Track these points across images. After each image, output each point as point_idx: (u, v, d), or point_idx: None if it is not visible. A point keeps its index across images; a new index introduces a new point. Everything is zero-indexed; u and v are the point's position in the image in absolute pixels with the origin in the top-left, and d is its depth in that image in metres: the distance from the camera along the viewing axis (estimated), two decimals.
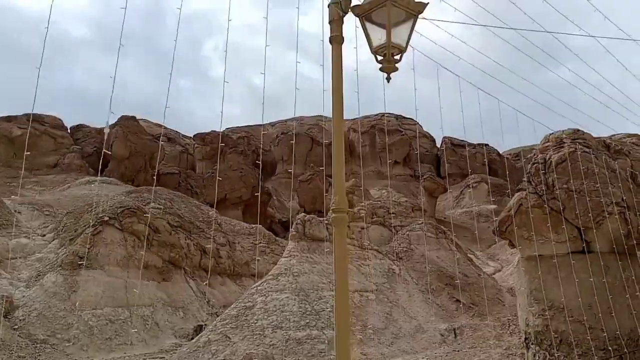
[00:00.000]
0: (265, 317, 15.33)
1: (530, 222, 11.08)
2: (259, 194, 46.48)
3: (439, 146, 80.00)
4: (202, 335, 15.26)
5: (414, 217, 24.75)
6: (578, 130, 12.71)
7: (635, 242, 11.40)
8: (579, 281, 10.71)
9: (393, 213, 23.48)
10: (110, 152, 40.94)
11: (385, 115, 76.22)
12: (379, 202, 25.18)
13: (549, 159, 11.72)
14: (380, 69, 4.60)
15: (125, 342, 16.96)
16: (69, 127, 42.90)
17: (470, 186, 61.94)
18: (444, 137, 75.13)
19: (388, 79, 4.64)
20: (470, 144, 71.57)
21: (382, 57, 4.57)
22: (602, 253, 10.91)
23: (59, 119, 42.34)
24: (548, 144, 12.59)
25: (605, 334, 10.25)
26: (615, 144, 15.49)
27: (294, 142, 71.68)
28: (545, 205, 11.10)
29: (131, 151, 42.88)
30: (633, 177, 15.16)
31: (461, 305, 18.48)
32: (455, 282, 20.33)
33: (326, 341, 14.60)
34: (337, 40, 4.70)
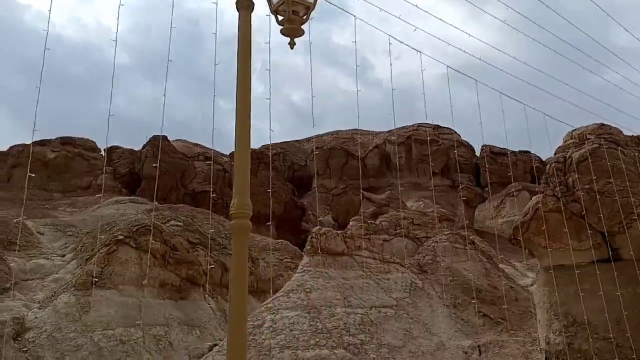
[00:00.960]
0: (274, 336, 14.54)
1: (548, 228, 9.93)
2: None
3: (478, 155, 77.73)
4: (207, 356, 14.60)
5: (441, 227, 23.55)
6: (604, 124, 11.48)
7: None
8: (604, 293, 9.47)
9: (418, 224, 22.36)
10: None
11: (423, 124, 74.77)
12: (403, 213, 24.09)
13: (569, 157, 10.56)
14: (282, 32, 3.78)
15: None
16: (102, 149, 43.76)
17: (512, 194, 59.67)
18: (484, 146, 73.10)
19: (291, 44, 3.80)
20: (511, 152, 69.26)
21: (282, 17, 3.76)
22: (631, 261, 9.64)
23: (92, 141, 43.16)
24: (570, 141, 11.41)
25: (635, 354, 8.95)
26: None
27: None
28: (565, 209, 9.93)
29: (162, 170, 43.21)
30: None
31: (486, 320, 17.17)
32: (483, 296, 19.02)
33: None
34: (244, 5, 3.91)
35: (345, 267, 18.48)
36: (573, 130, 11.49)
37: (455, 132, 78.54)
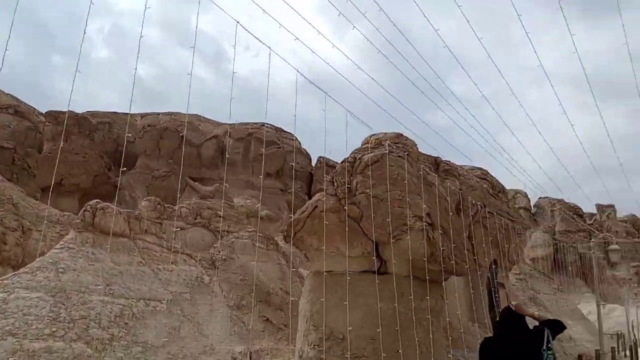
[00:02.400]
0: (0, 319, 11.76)
1: (322, 229, 8.93)
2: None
3: (314, 165, 79.18)
4: None
5: (247, 224, 22.26)
6: (402, 135, 11.00)
7: (440, 268, 9.72)
8: (365, 307, 8.71)
9: (222, 217, 20.77)
10: None
11: (266, 125, 74.07)
12: (208, 203, 22.39)
13: (359, 158, 9.76)
14: None
15: None
16: None
17: None
18: (320, 157, 74.53)
19: None
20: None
21: None
22: (398, 276, 9.03)
23: None
24: (367, 145, 10.71)
25: None
26: (447, 166, 14.15)
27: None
28: (342, 211, 9.03)
29: None
30: (458, 203, 13.82)
31: (268, 325, 16.13)
32: (272, 300, 18.04)
33: (71, 357, 11.39)
34: None
35: (121, 251, 16.16)
36: (372, 135, 10.84)
37: (296, 139, 79.11)
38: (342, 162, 9.82)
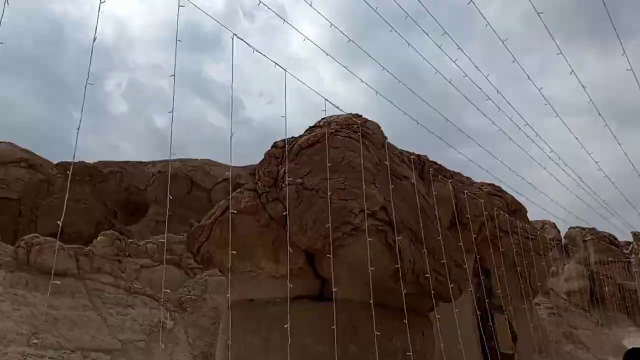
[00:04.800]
0: None
1: (236, 238, 6.33)
2: None
3: None
4: None
5: None
6: (361, 116, 8.45)
7: (415, 290, 6.96)
8: (300, 348, 5.99)
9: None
10: None
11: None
12: (180, 237, 20.02)
13: (293, 141, 7.22)
14: None
15: None
16: None
17: None
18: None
19: None
20: None
21: None
22: (347, 301, 6.31)
23: None
24: (318, 129, 8.19)
25: None
26: (436, 165, 11.48)
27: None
28: (263, 211, 6.44)
29: None
30: (457, 211, 11.18)
31: None
32: None
33: None
34: None
35: (65, 293, 13.73)
36: (323, 119, 8.31)
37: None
38: (271, 147, 7.28)
